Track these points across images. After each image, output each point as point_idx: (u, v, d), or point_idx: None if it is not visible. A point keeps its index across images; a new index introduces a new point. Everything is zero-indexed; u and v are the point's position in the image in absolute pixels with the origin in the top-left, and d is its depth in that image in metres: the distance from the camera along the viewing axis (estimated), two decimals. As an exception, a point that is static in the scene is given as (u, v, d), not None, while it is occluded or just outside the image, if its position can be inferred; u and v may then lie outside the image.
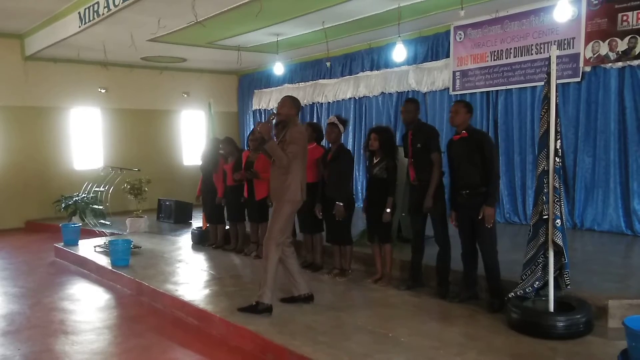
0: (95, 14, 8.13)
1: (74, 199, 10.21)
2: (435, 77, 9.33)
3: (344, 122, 6.01)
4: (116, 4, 7.57)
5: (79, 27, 8.65)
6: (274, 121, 4.90)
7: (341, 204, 5.68)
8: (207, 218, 8.14)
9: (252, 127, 13.46)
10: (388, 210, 5.43)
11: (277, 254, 4.80)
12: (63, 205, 10.40)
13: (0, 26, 9.99)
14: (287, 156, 4.68)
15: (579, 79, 7.54)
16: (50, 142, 11.47)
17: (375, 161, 5.57)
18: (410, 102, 5.58)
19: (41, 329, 5.02)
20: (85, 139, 12.09)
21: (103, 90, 11.98)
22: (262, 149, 5.25)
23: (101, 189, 9.10)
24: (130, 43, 9.39)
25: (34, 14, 9.19)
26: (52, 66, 11.25)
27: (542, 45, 7.85)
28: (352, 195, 6.07)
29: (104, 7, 7.85)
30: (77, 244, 8.29)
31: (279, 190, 4.80)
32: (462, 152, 4.87)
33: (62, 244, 8.34)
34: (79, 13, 8.53)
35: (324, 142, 6.49)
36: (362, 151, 6.05)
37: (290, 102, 4.92)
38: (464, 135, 4.90)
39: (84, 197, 9.85)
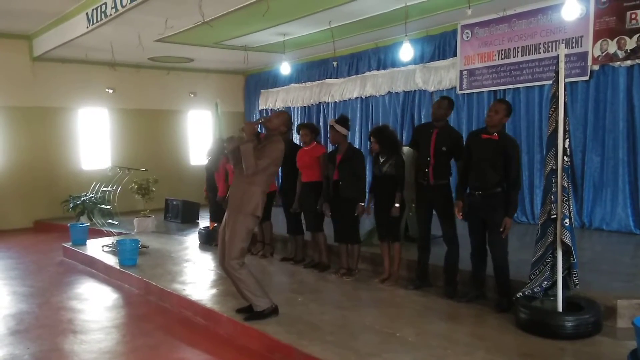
0: (102, 14, 8.16)
1: (82, 199, 10.26)
2: (442, 76, 9.29)
3: (343, 122, 5.98)
4: (124, 4, 7.60)
5: (87, 27, 8.69)
6: (259, 126, 4.62)
7: (363, 204, 5.76)
8: (210, 217, 8.15)
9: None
10: (397, 205, 5.45)
11: (244, 269, 4.62)
12: (71, 205, 10.46)
13: (8, 27, 10.05)
14: (256, 166, 4.46)
15: (587, 78, 7.49)
16: (58, 142, 11.53)
17: (382, 160, 5.57)
18: (445, 99, 5.41)
19: (50, 328, 5.05)
20: (93, 139, 12.14)
21: (110, 91, 12.03)
22: (232, 150, 4.74)
23: (109, 188, 9.15)
24: (138, 43, 9.42)
25: (42, 14, 9.24)
26: (60, 67, 11.30)
27: (550, 44, 7.81)
28: (366, 194, 6.08)
29: (112, 8, 7.88)
30: (85, 244, 8.32)
31: (239, 200, 4.57)
32: (487, 154, 4.71)
33: (70, 243, 8.38)
34: (87, 14, 8.57)
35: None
36: (369, 153, 6.04)
37: (285, 119, 4.79)
38: (494, 138, 4.70)
39: (92, 197, 9.90)
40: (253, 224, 4.70)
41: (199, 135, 13.60)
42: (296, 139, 11.40)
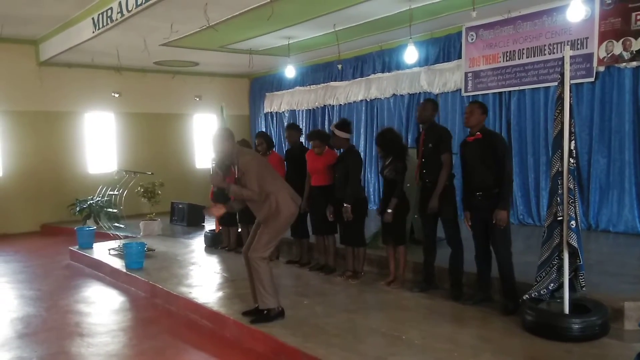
0: (108, 19, 8.21)
1: (89, 203, 10.28)
2: (447, 79, 9.30)
3: (342, 127, 5.98)
4: (129, 9, 7.64)
5: (93, 32, 8.75)
6: (215, 166, 4.61)
7: (349, 205, 5.69)
8: (219, 220, 8.17)
9: (264, 130, 13.52)
10: (389, 210, 5.44)
11: (265, 263, 4.67)
12: (78, 208, 10.49)
13: (15, 32, 10.13)
14: (252, 191, 4.53)
15: (592, 79, 7.47)
16: (65, 146, 11.60)
17: (386, 163, 5.59)
18: (429, 101, 5.56)
19: (57, 332, 5.07)
20: (99, 143, 12.22)
21: (116, 95, 12.10)
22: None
23: (115, 192, 9.19)
24: (143, 48, 9.48)
25: (49, 19, 9.31)
26: (66, 71, 11.38)
27: (555, 46, 7.79)
28: (364, 196, 6.06)
29: (118, 13, 7.93)
30: (92, 247, 8.36)
31: (270, 216, 4.64)
32: (476, 154, 4.82)
33: (77, 247, 8.42)
34: (93, 19, 8.63)
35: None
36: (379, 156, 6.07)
37: (220, 139, 4.62)
38: (478, 137, 4.83)
39: (99, 200, 9.94)
40: (290, 219, 4.74)
41: (205, 138, 13.65)
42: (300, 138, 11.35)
